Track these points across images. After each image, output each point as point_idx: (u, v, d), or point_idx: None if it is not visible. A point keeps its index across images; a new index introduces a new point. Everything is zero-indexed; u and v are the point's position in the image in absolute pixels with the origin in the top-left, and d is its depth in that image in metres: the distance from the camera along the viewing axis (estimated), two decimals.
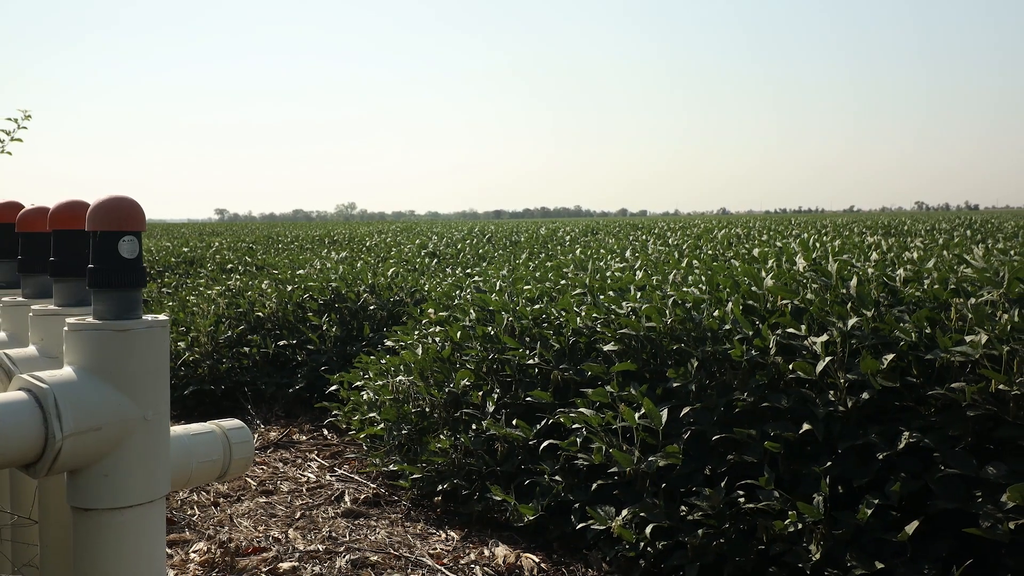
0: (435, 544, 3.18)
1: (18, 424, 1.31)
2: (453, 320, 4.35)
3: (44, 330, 1.73)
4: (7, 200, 2.27)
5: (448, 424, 3.69)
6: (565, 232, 14.28)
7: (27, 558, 1.87)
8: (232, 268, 9.83)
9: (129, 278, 1.45)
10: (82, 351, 1.43)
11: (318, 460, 4.38)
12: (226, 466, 1.73)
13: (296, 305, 6.15)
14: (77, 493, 1.42)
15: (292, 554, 3.04)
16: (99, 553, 1.41)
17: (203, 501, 3.73)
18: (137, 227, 1.47)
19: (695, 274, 4.06)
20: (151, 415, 1.44)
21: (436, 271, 7.56)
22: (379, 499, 3.72)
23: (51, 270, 1.75)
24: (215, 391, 5.63)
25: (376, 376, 4.30)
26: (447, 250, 10.07)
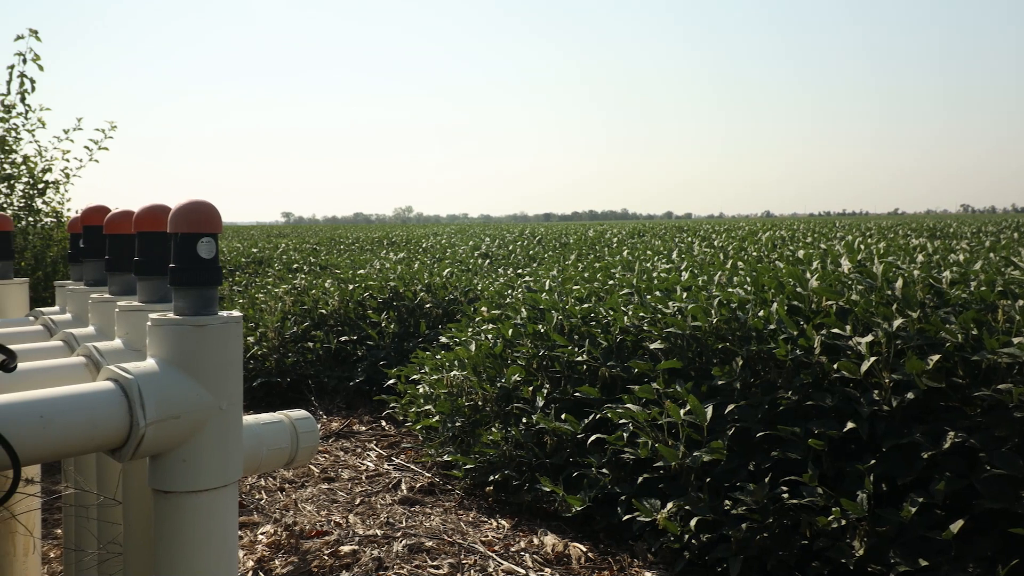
0: (486, 532, 3.19)
1: (106, 412, 1.36)
2: (505, 318, 4.36)
3: (129, 325, 1.79)
4: (96, 204, 2.36)
5: (499, 417, 3.70)
6: (612, 234, 14.20)
7: (111, 536, 1.93)
8: (297, 268, 10.01)
9: (206, 277, 1.49)
10: (163, 344, 1.47)
11: (376, 450, 4.44)
12: (294, 454, 1.77)
13: (357, 303, 6.24)
14: (158, 476, 1.47)
15: (352, 538, 3.09)
16: (177, 532, 1.45)
17: (270, 486, 3.81)
18: (214, 229, 1.51)
19: (740, 275, 4.00)
20: (225, 405, 1.48)
21: (488, 271, 7.59)
22: (434, 488, 3.76)
23: (136, 269, 1.81)
24: (281, 383, 5.74)
25: (431, 371, 4.34)
26: (499, 251, 10.10)
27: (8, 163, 6.32)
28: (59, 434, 1.31)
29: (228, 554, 1.50)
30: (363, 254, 11.73)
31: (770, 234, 11.08)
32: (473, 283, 6.44)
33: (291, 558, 2.92)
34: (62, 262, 6.13)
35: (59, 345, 1.98)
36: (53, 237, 6.31)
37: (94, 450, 1.45)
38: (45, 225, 6.42)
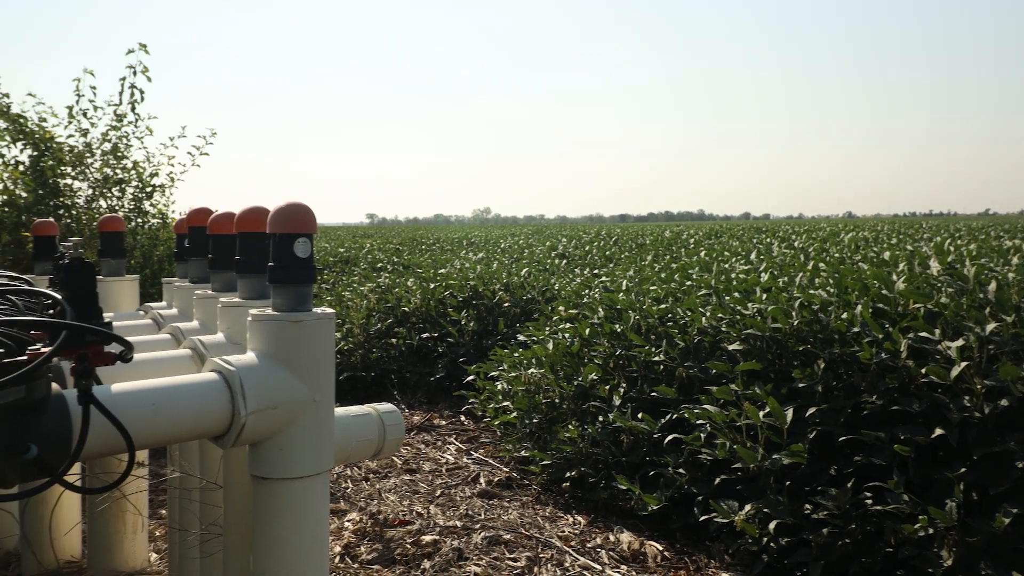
0: (563, 527, 3.19)
1: (211, 401, 1.42)
2: (582, 318, 4.35)
3: (230, 319, 1.86)
4: (200, 207, 2.47)
5: (576, 415, 3.69)
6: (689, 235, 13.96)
7: (212, 517, 2.02)
8: (382, 267, 10.23)
9: (303, 275, 1.55)
10: (262, 339, 1.53)
11: (456, 444, 4.49)
12: (381, 446, 1.81)
13: (438, 301, 6.33)
14: (256, 463, 1.53)
15: (433, 528, 3.14)
16: (273, 516, 1.51)
17: (355, 476, 3.91)
18: (310, 230, 1.56)
19: (822, 277, 3.88)
20: (319, 397, 1.53)
21: (565, 271, 7.58)
22: (511, 482, 3.78)
23: (237, 267, 1.89)
24: (366, 377, 5.88)
25: (510, 368, 4.37)
26: (575, 252, 10.07)
27: (120, 168, 6.68)
28: (168, 421, 1.38)
29: (320, 538, 1.55)
30: (444, 254, 11.89)
31: (853, 235, 10.68)
32: (550, 283, 6.44)
33: (375, 545, 2.99)
34: (168, 260, 6.43)
35: (167, 338, 2.09)
36: (159, 237, 6.63)
37: (199, 437, 1.52)
38: (152, 226, 6.75)
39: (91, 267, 1.52)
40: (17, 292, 1.53)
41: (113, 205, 6.62)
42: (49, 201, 6.21)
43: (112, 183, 6.63)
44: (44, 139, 6.38)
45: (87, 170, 6.55)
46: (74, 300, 1.43)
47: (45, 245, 3.04)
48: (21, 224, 5.99)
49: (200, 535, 2.04)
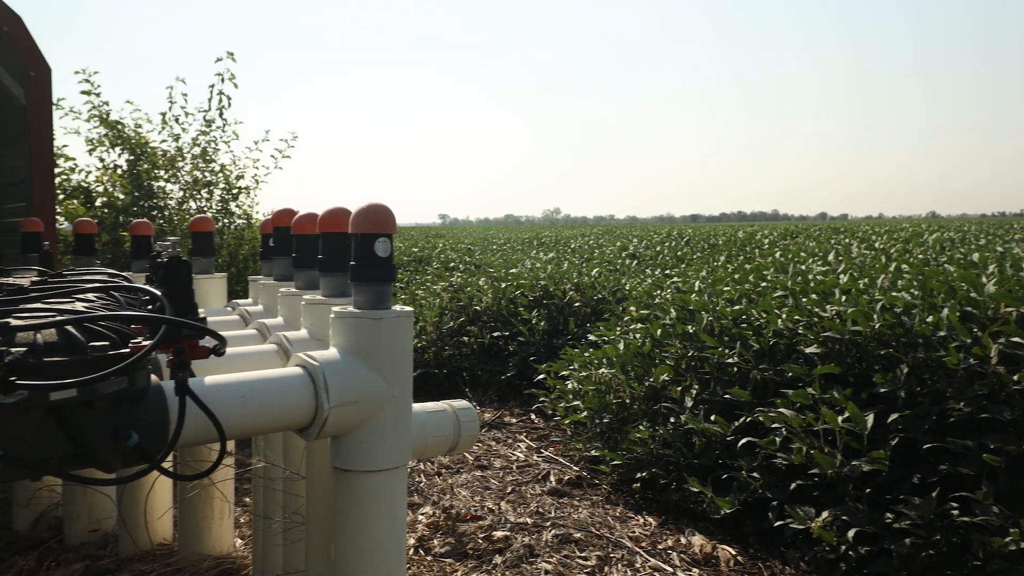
0: (633, 528, 3.16)
1: (296, 395, 1.47)
2: (654, 318, 4.30)
3: (313, 316, 1.92)
4: (284, 208, 2.55)
5: (647, 416, 3.65)
6: (763, 236, 13.62)
7: (295, 507, 2.09)
8: (454, 266, 10.35)
9: (383, 274, 1.58)
10: (344, 335, 1.58)
11: (526, 441, 4.50)
12: (456, 442, 1.84)
13: (509, 300, 6.36)
14: (338, 456, 1.57)
15: (504, 524, 3.16)
16: (354, 507, 1.55)
17: (428, 471, 3.96)
18: (390, 230, 1.60)
19: (905, 279, 3.72)
20: (397, 393, 1.56)
21: (636, 272, 7.51)
22: (581, 481, 3.76)
23: (319, 266, 1.94)
24: (438, 374, 5.96)
25: (580, 367, 4.35)
26: (646, 252, 9.96)
27: (208, 171, 6.96)
28: (257, 413, 1.43)
29: (398, 530, 1.58)
30: (514, 254, 11.94)
31: (937, 235, 10.22)
32: (621, 283, 6.39)
33: (448, 539, 3.02)
34: (252, 259, 6.67)
35: (253, 333, 2.16)
36: (244, 237, 6.88)
37: (284, 429, 1.57)
38: (238, 226, 7.01)
39: (188, 265, 1.59)
40: (119, 288, 1.61)
41: (202, 206, 6.90)
42: (144, 203, 6.52)
43: (201, 185, 6.91)
44: (140, 144, 6.70)
45: (178, 173, 6.85)
46: (172, 296, 1.50)
47: (141, 244, 3.19)
48: (119, 224, 6.30)
49: (283, 523, 2.11)
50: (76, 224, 3.42)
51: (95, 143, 6.68)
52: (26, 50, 4.26)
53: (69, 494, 2.95)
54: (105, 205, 6.48)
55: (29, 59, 4.26)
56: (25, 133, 4.30)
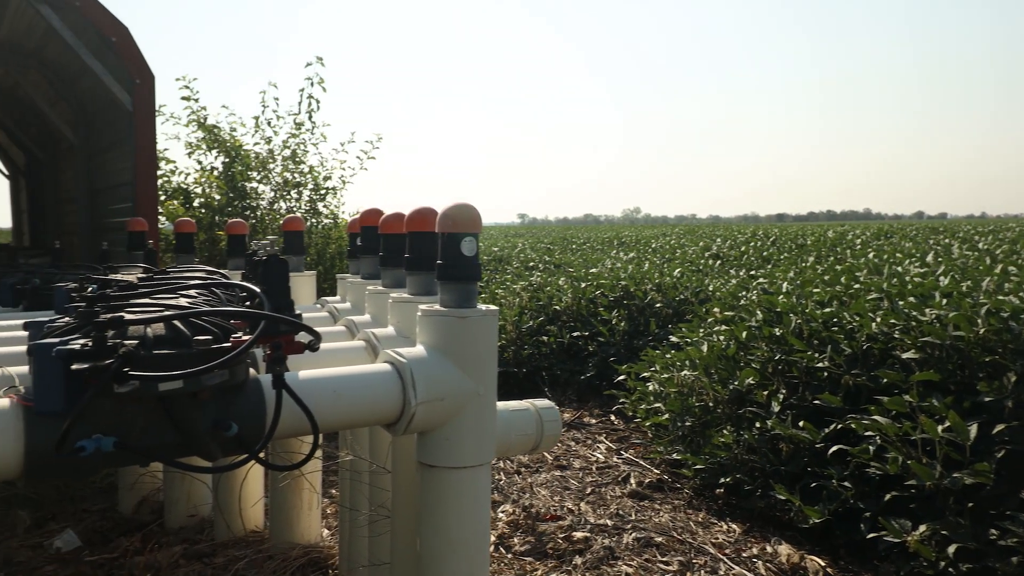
0: (717, 534, 3.10)
1: (385, 390, 1.51)
2: (739, 320, 4.20)
3: (400, 314, 1.96)
4: (371, 208, 2.61)
5: (731, 420, 3.57)
6: (855, 235, 13.11)
7: (380, 500, 2.14)
8: (533, 266, 10.38)
9: (468, 273, 1.60)
10: (430, 333, 1.60)
11: (606, 443, 4.47)
12: (538, 441, 1.84)
13: (589, 300, 6.33)
14: (424, 451, 1.60)
15: (584, 525, 3.15)
16: (439, 503, 1.57)
17: (508, 469, 3.99)
18: (475, 229, 1.62)
19: (1012, 282, 3.51)
20: (482, 391, 1.58)
21: (720, 272, 7.35)
22: (662, 484, 3.71)
23: (406, 265, 1.98)
24: (517, 373, 5.98)
25: (662, 369, 4.29)
26: (730, 252, 9.74)
27: (298, 172, 7.20)
28: (347, 407, 1.48)
29: (482, 526, 1.60)
30: (594, 253, 11.88)
31: None
32: (704, 284, 6.26)
33: (528, 537, 3.04)
34: (338, 257, 6.87)
35: (342, 330, 2.23)
36: (331, 236, 7.09)
37: (372, 423, 1.61)
38: (325, 225, 7.23)
39: (285, 263, 1.66)
40: (218, 285, 1.69)
41: (291, 207, 7.15)
42: (237, 203, 6.80)
43: (291, 186, 7.15)
44: (235, 147, 6.99)
45: (270, 175, 7.11)
46: (270, 293, 1.57)
47: (237, 243, 3.33)
48: (214, 224, 6.60)
49: (369, 516, 2.16)
50: (177, 224, 3.59)
51: (193, 146, 7.02)
52: (132, 59, 4.51)
53: (170, 480, 3.10)
54: (202, 205, 6.79)
55: (135, 67, 4.50)
56: (131, 138, 4.55)
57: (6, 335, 1.99)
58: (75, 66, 5.05)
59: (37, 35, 5.15)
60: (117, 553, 2.87)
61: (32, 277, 2.93)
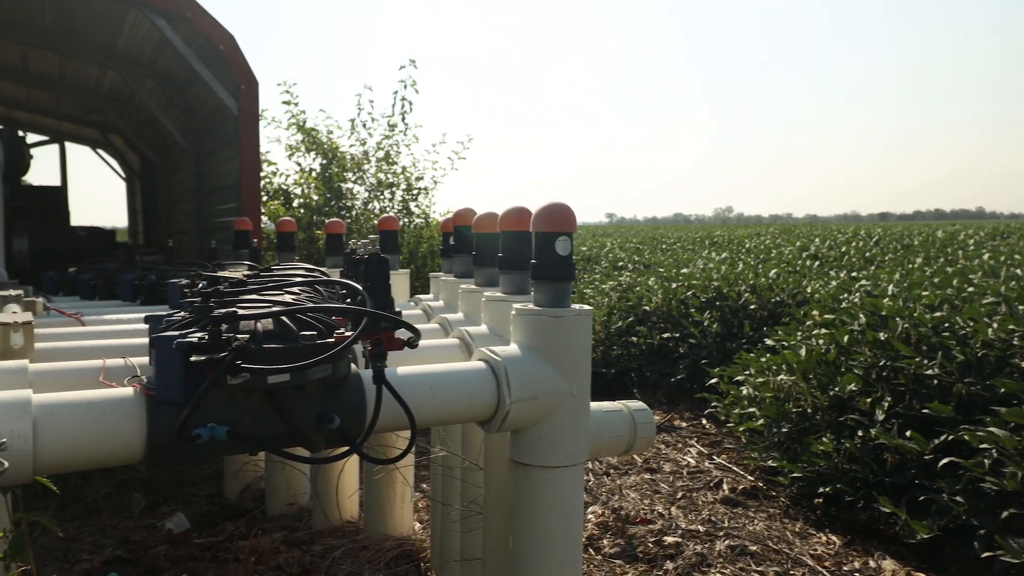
0: (815, 545, 2.99)
1: (479, 388, 1.53)
2: (839, 324, 4.03)
3: (493, 312, 1.98)
4: (464, 207, 2.65)
5: (831, 427, 3.44)
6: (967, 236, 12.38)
7: (472, 496, 2.17)
8: (622, 266, 10.29)
9: (563, 272, 1.61)
10: (524, 332, 1.62)
11: (697, 447, 4.39)
12: (631, 443, 1.83)
13: (680, 301, 6.22)
14: (517, 450, 1.61)
15: (675, 530, 3.10)
16: (532, 502, 1.58)
17: (596, 470, 3.97)
18: (570, 229, 1.62)
19: None
20: (576, 390, 1.58)
21: (818, 274, 7.08)
22: (757, 492, 3.61)
23: (500, 264, 2.00)
24: (606, 374, 5.94)
25: (757, 373, 4.17)
26: (830, 253, 9.37)
27: (391, 173, 7.39)
28: (443, 404, 1.51)
29: (574, 527, 1.60)
30: (685, 253, 11.67)
31: None
32: (802, 285, 6.05)
33: (617, 540, 3.01)
34: (430, 256, 7.01)
35: (436, 328, 2.27)
36: (422, 235, 7.24)
37: (467, 420, 1.63)
38: (416, 225, 7.39)
39: (387, 262, 1.70)
40: (321, 282, 1.75)
41: (384, 207, 7.33)
42: (334, 203, 7.03)
43: (384, 187, 7.34)
44: (331, 149, 7.24)
45: (364, 175, 7.32)
46: (371, 291, 1.62)
47: (334, 242, 3.45)
48: (312, 223, 6.84)
49: (461, 511, 2.20)
50: (279, 223, 3.75)
51: (293, 148, 7.30)
52: (238, 66, 4.73)
53: (271, 469, 3.24)
54: (301, 205, 7.06)
55: (240, 74, 4.73)
56: (236, 141, 4.78)
57: (127, 327, 2.12)
58: (185, 74, 5.34)
59: (152, 46, 5.48)
60: (223, 537, 3.02)
61: (148, 274, 3.12)
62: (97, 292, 3.19)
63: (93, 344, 1.82)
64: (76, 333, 2.08)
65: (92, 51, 5.88)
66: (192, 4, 4.58)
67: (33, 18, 5.44)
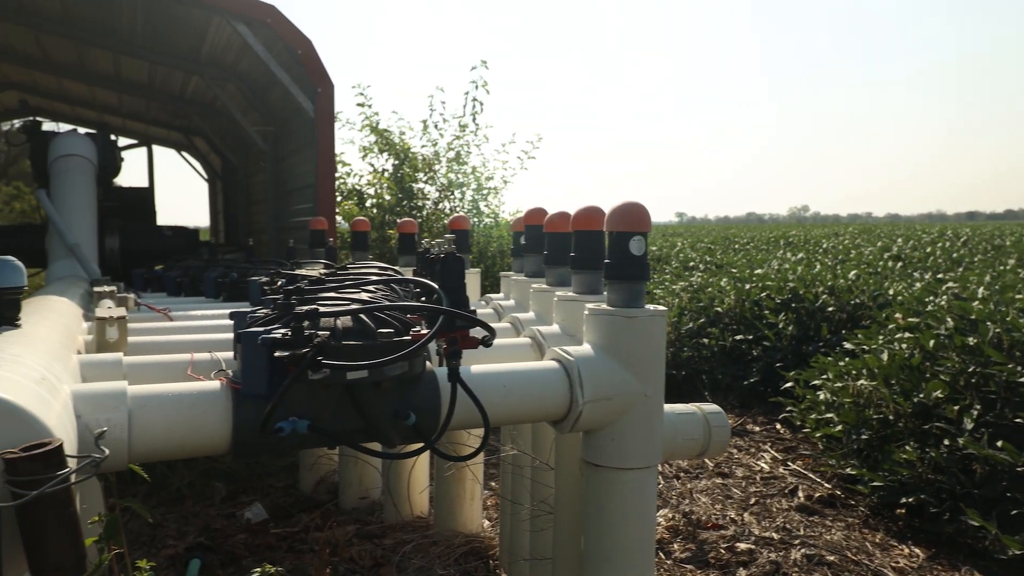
0: (897, 558, 2.88)
1: (552, 388, 1.53)
2: (924, 327, 3.87)
3: (565, 312, 1.98)
4: (535, 207, 2.66)
5: (915, 435, 3.30)
6: None
7: (542, 496, 2.17)
8: (693, 266, 10.12)
9: (637, 272, 1.59)
10: (598, 332, 1.61)
11: (771, 452, 4.28)
12: (705, 446, 1.80)
13: (753, 302, 6.08)
14: (590, 450, 1.61)
15: (748, 536, 3.03)
16: (605, 503, 1.57)
17: (666, 473, 3.92)
18: (645, 228, 1.60)
19: None
20: (650, 392, 1.57)
21: (901, 275, 6.82)
22: (834, 500, 3.50)
23: (572, 263, 2.00)
24: (676, 376, 5.85)
25: (835, 377, 4.04)
26: (913, 254, 9.01)
27: (461, 173, 7.46)
28: (516, 403, 1.52)
29: (648, 530, 1.59)
30: (759, 254, 11.40)
31: None
32: (883, 287, 5.84)
33: (688, 545, 2.97)
34: (499, 256, 7.05)
35: (507, 327, 2.28)
36: (492, 235, 7.29)
37: (539, 420, 1.64)
38: (486, 224, 7.44)
39: (462, 261, 1.72)
40: (396, 281, 1.79)
41: (454, 206, 7.41)
42: (405, 203, 7.14)
43: (455, 187, 7.42)
44: (403, 150, 7.36)
45: (435, 176, 7.41)
46: (447, 290, 1.64)
47: (407, 241, 3.50)
48: (384, 223, 6.97)
49: (531, 511, 2.20)
50: (353, 223, 3.83)
51: (367, 149, 7.45)
52: (315, 69, 4.86)
53: (344, 463, 3.32)
54: (374, 205, 7.20)
55: (317, 77, 4.85)
56: (313, 143, 4.91)
57: (212, 323, 2.21)
58: (265, 78, 5.52)
59: (233, 51, 5.68)
60: (299, 528, 3.11)
61: (230, 271, 3.24)
62: (183, 289, 3.33)
63: (180, 339, 1.91)
64: (164, 328, 2.17)
65: (178, 58, 6.14)
66: (272, 10, 4.73)
67: (126, 27, 5.72)
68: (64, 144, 4.40)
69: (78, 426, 1.17)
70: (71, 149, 4.37)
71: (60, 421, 1.05)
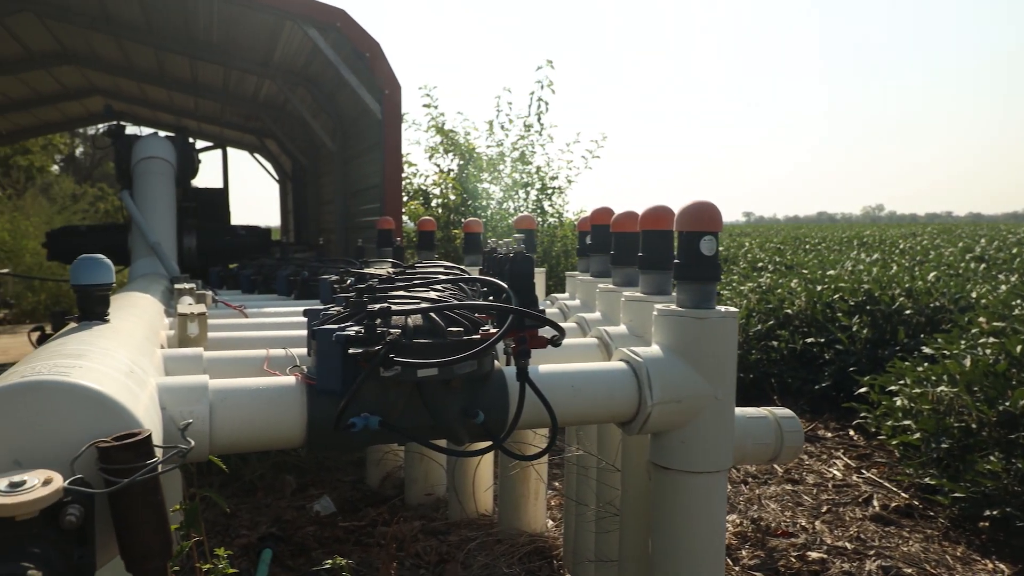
0: (979, 572, 2.76)
1: (620, 389, 1.52)
2: (1011, 332, 3.70)
3: (633, 313, 1.97)
4: (602, 207, 2.64)
5: (1000, 445, 3.16)
6: None
7: (608, 498, 2.16)
8: (762, 267, 9.90)
9: (708, 273, 1.57)
10: (666, 333, 1.59)
11: (843, 459, 4.16)
12: (777, 451, 1.76)
13: (825, 305, 5.91)
14: (659, 453, 1.59)
15: (820, 545, 2.95)
16: (673, 507, 1.56)
17: (733, 478, 3.84)
18: (715, 228, 1.58)
19: None
20: (720, 395, 1.54)
21: (985, 277, 6.52)
22: (912, 510, 3.38)
23: (640, 263, 1.98)
24: (744, 379, 5.73)
25: (913, 383, 3.90)
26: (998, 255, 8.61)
27: (525, 173, 7.48)
28: (584, 403, 1.51)
29: (717, 535, 1.56)
30: (831, 254, 11.07)
31: None
32: (965, 290, 5.60)
33: (757, 552, 2.91)
34: (563, 256, 7.04)
35: (573, 327, 2.28)
36: (556, 235, 7.28)
37: (606, 421, 1.63)
38: (550, 224, 7.44)
39: (531, 261, 1.73)
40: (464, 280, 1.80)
41: (519, 206, 7.43)
42: (470, 203, 7.20)
43: (519, 186, 7.44)
44: (468, 150, 7.42)
45: (499, 175, 7.45)
46: (516, 289, 1.64)
47: (473, 240, 3.53)
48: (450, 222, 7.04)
49: (596, 512, 2.19)
50: (420, 222, 3.88)
51: (432, 150, 7.54)
52: (382, 72, 4.94)
53: (410, 460, 3.37)
54: (439, 205, 7.29)
55: (385, 79, 4.94)
56: (380, 144, 5.00)
57: (286, 320, 2.27)
58: (334, 81, 5.65)
59: (304, 55, 5.83)
60: (366, 522, 3.18)
61: (301, 270, 3.32)
62: (256, 286, 3.44)
63: (255, 335, 1.97)
64: (241, 324, 2.25)
65: (252, 62, 6.33)
66: (342, 14, 4.83)
67: (202, 35, 5.94)
68: (146, 147, 4.58)
69: (163, 418, 1.22)
70: (152, 152, 4.55)
71: (148, 412, 1.10)
